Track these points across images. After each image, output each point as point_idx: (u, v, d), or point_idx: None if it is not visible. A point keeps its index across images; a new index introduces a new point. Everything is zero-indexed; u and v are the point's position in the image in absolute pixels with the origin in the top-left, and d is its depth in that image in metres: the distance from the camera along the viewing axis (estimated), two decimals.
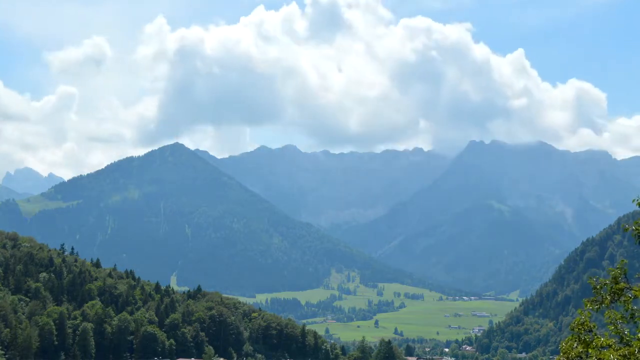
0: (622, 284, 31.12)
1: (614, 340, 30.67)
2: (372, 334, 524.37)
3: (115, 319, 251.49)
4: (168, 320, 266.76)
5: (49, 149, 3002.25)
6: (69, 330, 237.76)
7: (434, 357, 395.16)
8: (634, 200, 30.57)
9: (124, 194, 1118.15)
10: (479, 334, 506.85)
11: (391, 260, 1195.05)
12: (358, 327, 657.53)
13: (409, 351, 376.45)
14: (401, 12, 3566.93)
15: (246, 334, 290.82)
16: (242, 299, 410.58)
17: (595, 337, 30.96)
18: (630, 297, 30.90)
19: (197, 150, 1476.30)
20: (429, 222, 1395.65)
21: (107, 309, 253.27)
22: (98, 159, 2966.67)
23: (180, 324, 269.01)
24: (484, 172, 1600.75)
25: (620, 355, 29.13)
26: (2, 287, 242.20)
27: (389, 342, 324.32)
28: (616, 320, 30.91)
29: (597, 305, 31.34)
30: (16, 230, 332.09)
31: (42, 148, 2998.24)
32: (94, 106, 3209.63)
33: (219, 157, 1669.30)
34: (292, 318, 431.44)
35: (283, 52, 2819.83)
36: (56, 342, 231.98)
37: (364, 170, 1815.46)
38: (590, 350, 30.38)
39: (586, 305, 31.76)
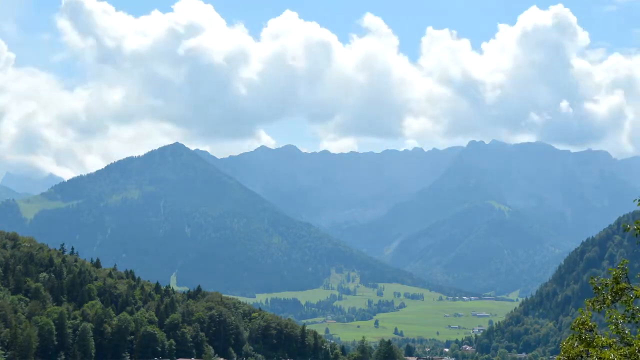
0: (623, 284, 31.06)
1: (614, 340, 30.63)
2: (372, 334, 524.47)
3: (115, 319, 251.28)
4: (168, 320, 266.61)
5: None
6: (69, 330, 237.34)
7: (434, 357, 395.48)
8: (635, 200, 30.54)
9: (124, 194, 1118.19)
10: (479, 334, 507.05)
11: (391, 260, 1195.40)
12: (358, 327, 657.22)
13: (409, 351, 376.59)
14: None
15: (246, 334, 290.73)
16: (242, 299, 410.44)
17: (597, 336, 30.93)
18: (632, 297, 30.84)
19: (197, 150, 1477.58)
20: (429, 222, 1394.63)
21: (107, 309, 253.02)
22: (98, 159, 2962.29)
23: (180, 324, 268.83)
24: (484, 172, 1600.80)
25: (621, 354, 29.09)
26: (2, 287, 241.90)
27: (389, 342, 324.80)
28: (617, 319, 30.85)
29: (599, 305, 31.29)
30: (16, 230, 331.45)
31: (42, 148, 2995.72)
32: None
33: (219, 157, 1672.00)
34: (292, 318, 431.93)
35: None
36: (56, 342, 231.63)
37: (364, 170, 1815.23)
38: (590, 350, 30.34)
39: (588, 306, 31.70)
